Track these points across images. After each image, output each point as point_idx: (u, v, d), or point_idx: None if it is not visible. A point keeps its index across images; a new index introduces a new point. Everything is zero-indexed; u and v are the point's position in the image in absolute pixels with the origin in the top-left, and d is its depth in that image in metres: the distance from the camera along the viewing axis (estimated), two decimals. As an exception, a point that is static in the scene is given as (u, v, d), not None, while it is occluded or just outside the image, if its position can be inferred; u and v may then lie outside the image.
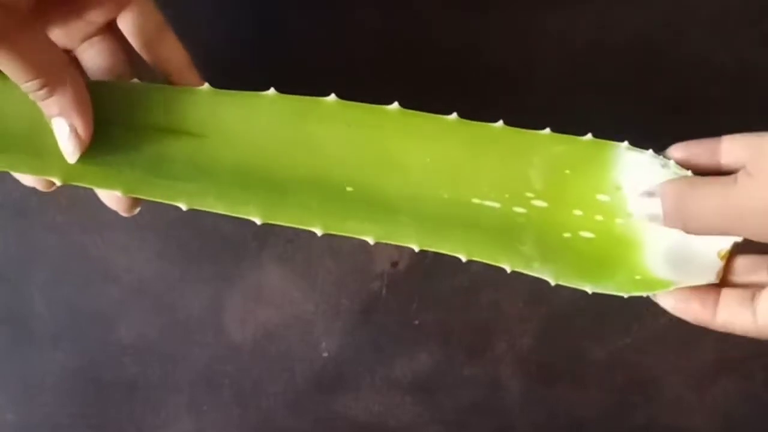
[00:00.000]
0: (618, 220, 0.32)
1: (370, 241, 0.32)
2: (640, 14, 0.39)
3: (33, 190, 0.33)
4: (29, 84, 0.28)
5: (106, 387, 0.42)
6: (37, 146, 0.31)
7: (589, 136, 0.33)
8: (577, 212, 0.33)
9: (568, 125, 0.34)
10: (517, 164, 0.33)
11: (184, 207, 0.32)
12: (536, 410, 0.42)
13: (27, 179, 0.33)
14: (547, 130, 0.33)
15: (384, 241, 0.32)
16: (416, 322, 0.41)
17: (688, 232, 0.30)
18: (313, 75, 0.39)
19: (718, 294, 0.32)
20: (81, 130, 0.30)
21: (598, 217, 0.32)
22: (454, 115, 0.32)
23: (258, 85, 0.32)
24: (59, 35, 0.32)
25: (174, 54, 0.33)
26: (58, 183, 0.31)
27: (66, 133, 0.30)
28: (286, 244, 0.41)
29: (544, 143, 0.33)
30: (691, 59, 0.38)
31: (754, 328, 0.30)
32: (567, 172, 0.33)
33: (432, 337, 0.41)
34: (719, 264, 0.31)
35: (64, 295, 0.41)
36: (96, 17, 0.32)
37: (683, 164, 0.31)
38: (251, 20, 0.40)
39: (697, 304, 0.31)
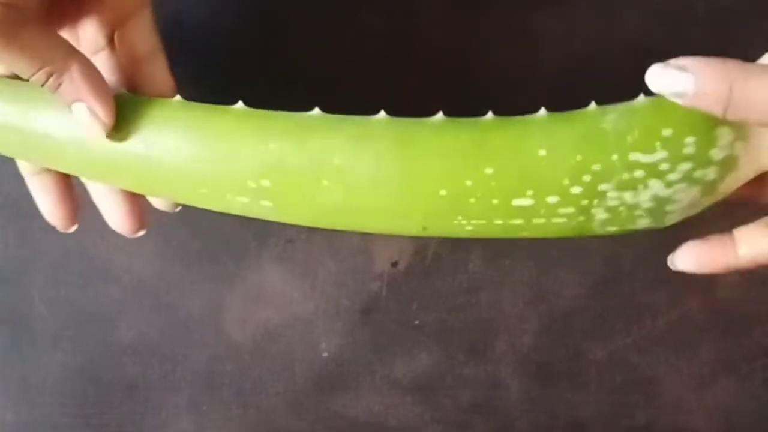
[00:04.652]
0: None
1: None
2: (639, 14, 0.39)
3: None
4: (36, 77, 0.28)
5: (106, 387, 0.42)
6: None
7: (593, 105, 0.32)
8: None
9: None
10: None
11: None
12: (536, 410, 0.42)
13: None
14: (543, 111, 0.31)
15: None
16: (416, 322, 0.41)
17: (727, 117, 0.28)
18: (312, 75, 0.39)
19: (732, 236, 0.31)
20: (100, 111, 0.29)
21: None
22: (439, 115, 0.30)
23: (256, 87, 0.32)
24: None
25: (160, 79, 0.33)
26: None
27: (86, 116, 0.29)
28: (286, 244, 0.41)
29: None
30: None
31: None
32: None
33: (432, 337, 0.41)
34: None
35: (64, 295, 0.41)
36: (97, 29, 0.32)
37: None
38: (251, 20, 0.40)
39: (717, 248, 0.30)
